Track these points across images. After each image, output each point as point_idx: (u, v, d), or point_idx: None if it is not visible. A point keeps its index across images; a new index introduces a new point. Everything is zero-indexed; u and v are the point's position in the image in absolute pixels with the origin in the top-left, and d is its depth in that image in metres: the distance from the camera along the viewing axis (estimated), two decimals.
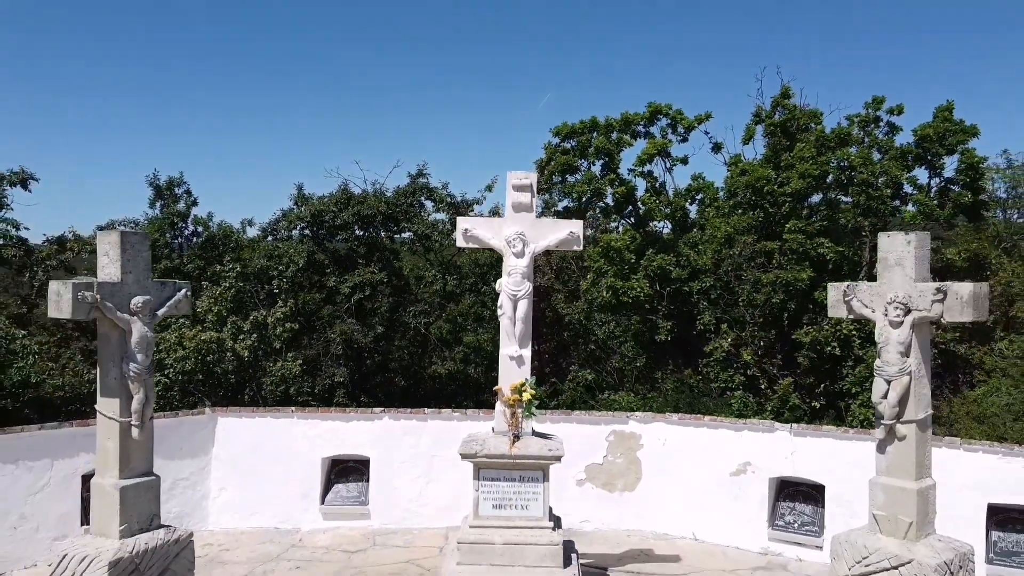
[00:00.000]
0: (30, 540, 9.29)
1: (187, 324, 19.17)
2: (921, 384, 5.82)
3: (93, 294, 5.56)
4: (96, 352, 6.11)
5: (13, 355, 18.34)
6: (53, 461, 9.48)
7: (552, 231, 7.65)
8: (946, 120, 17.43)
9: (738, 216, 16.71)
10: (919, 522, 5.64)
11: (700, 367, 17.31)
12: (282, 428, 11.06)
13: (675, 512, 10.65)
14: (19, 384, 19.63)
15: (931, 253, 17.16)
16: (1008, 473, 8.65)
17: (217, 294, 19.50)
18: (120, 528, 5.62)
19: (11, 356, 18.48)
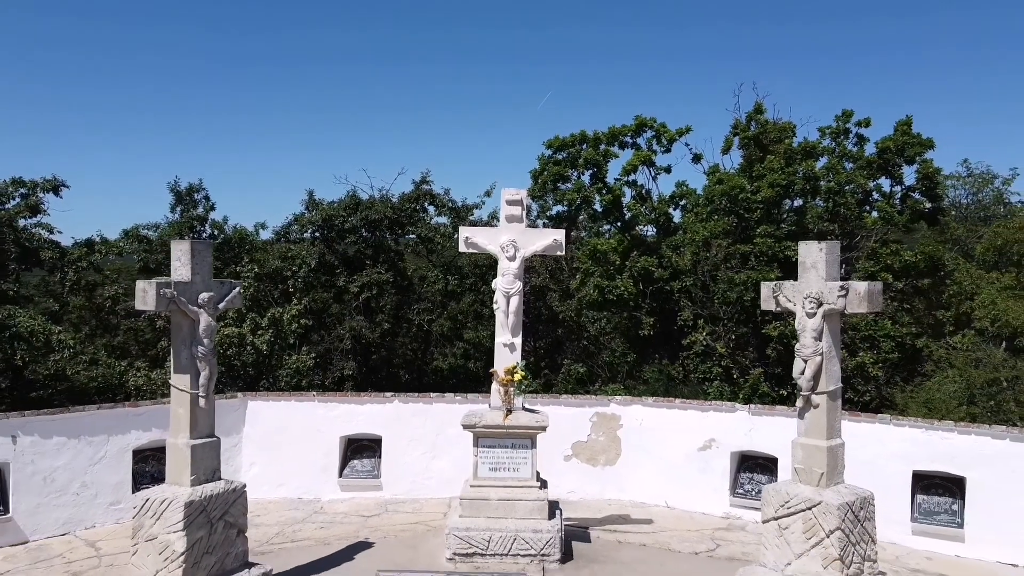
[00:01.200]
0: (90, 505, 10.56)
1: None
2: (832, 363, 7.11)
3: (171, 291, 6.83)
4: (119, 347, 7.33)
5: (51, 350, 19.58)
6: (109, 437, 10.75)
7: (539, 239, 8.94)
8: (905, 133, 18.73)
9: (714, 221, 18.00)
10: (829, 472, 6.92)
11: (681, 360, 18.60)
12: (304, 410, 12.32)
13: (650, 483, 11.91)
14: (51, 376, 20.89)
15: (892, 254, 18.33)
16: (929, 445, 9.92)
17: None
18: (191, 478, 6.88)
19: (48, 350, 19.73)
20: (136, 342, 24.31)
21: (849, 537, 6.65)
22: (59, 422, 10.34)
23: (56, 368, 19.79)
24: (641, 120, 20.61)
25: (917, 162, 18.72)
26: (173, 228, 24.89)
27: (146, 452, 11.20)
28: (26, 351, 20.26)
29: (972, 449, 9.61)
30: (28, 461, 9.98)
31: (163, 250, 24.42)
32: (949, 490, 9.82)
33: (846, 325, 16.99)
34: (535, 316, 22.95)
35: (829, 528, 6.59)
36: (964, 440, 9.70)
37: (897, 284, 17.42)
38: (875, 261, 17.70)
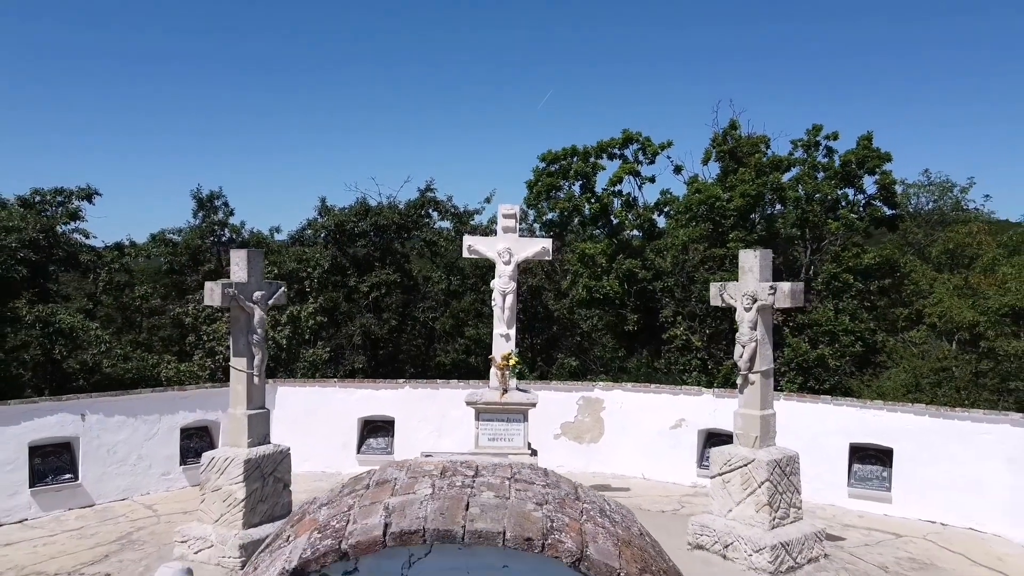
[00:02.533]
0: (145, 475, 12.01)
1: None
2: (764, 348, 8.57)
3: (232, 289, 8.28)
4: (143, 343, 8.69)
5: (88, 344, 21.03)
6: (160, 416, 12.21)
7: (530, 247, 10.41)
8: (866, 147, 20.20)
9: (693, 228, 19.47)
10: (762, 436, 8.38)
11: (663, 353, 20.06)
12: (327, 395, 13.78)
13: (629, 458, 13.36)
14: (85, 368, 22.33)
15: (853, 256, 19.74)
16: (863, 422, 11.38)
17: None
18: (248, 441, 8.33)
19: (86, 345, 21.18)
20: (159, 339, 25.77)
21: (777, 487, 8.12)
22: (120, 403, 11.81)
23: (93, 361, 21.25)
24: (628, 134, 22.06)
25: (877, 173, 20.19)
26: (195, 232, 26.37)
27: (191, 430, 12.68)
28: (64, 345, 21.73)
29: (898, 425, 11.08)
30: (94, 436, 11.44)
31: (187, 252, 25.93)
32: (880, 459, 11.28)
33: (810, 321, 18.46)
34: (532, 314, 24.39)
35: (760, 480, 8.06)
36: (892, 417, 11.17)
37: (858, 284, 18.88)
38: (838, 263, 19.16)
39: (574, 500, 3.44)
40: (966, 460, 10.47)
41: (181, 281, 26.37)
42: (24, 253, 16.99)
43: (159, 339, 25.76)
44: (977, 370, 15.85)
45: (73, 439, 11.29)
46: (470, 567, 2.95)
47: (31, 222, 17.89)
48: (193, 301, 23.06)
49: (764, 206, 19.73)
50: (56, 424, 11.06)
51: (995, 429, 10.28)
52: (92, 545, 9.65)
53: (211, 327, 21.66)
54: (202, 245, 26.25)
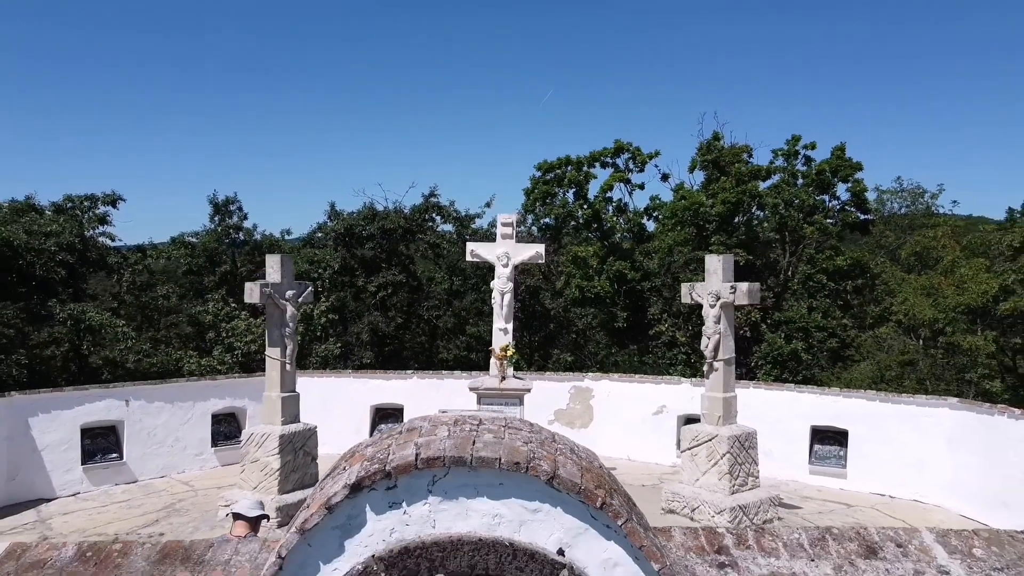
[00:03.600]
0: (181, 455, 13.16)
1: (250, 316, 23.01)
2: (727, 339, 9.71)
3: (269, 288, 9.42)
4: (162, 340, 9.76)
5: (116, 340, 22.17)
6: (195, 403, 13.35)
7: (526, 251, 11.56)
8: (840, 157, 21.36)
9: (678, 232, 20.62)
10: (724, 415, 9.53)
11: (651, 348, 21.21)
12: (342, 385, 14.93)
13: (616, 441, 14.50)
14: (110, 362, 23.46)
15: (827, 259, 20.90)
16: (823, 407, 12.53)
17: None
18: (282, 419, 9.47)
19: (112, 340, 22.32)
20: (176, 336, 26.92)
21: (736, 459, 9.28)
22: (159, 390, 12.97)
23: (121, 356, 22.39)
24: (620, 144, 23.22)
25: (850, 181, 21.34)
26: (211, 235, 27.53)
27: (220, 416, 13.83)
28: (91, 342, 22.90)
29: (853, 409, 12.23)
30: (137, 420, 12.59)
31: (204, 254, 27.09)
32: (837, 440, 12.44)
33: (786, 319, 19.60)
34: (530, 313, 25.51)
35: (722, 452, 9.22)
36: (847, 402, 12.32)
37: (831, 284, 20.03)
38: (813, 265, 20.32)
39: (551, 441, 4.61)
40: (911, 440, 11.62)
41: (198, 281, 27.56)
42: (62, 256, 18.09)
43: (176, 336, 26.90)
44: (936, 362, 16.99)
45: (118, 423, 12.44)
46: (475, 484, 4.13)
47: (67, 227, 18.99)
48: (213, 300, 24.22)
49: (744, 212, 20.88)
50: (104, 409, 12.22)
51: (936, 412, 11.44)
52: (141, 513, 10.81)
53: (230, 324, 22.79)
54: (218, 248, 27.42)
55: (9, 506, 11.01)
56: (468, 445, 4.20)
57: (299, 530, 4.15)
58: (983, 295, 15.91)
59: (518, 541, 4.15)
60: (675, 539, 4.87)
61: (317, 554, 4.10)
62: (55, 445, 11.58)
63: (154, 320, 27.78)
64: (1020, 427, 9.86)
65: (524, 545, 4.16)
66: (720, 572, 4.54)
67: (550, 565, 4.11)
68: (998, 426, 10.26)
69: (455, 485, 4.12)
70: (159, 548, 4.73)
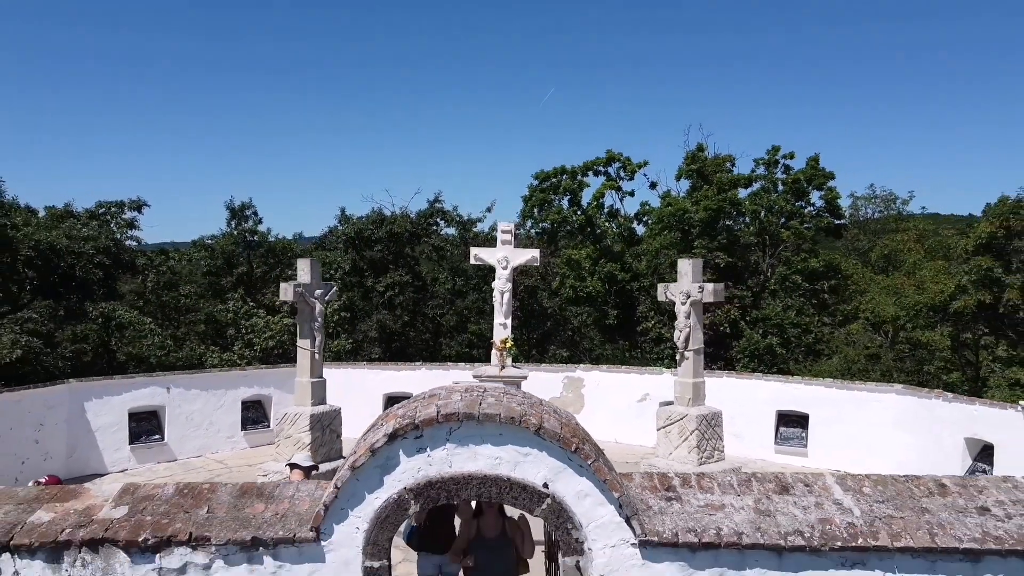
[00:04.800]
0: (215, 437, 14.40)
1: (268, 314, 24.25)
2: (696, 332, 10.95)
3: (300, 288, 10.67)
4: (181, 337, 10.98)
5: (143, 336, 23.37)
6: (226, 390, 14.59)
7: (523, 255, 12.79)
8: (814, 167, 22.61)
9: (664, 236, 21.87)
10: (693, 398, 10.77)
11: (639, 343, 22.45)
12: (358, 375, 16.16)
13: (605, 426, 15.65)
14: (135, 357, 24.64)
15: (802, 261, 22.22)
16: (787, 393, 13.78)
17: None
18: (312, 401, 10.72)
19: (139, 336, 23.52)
20: (195, 333, 28.14)
21: (704, 435, 10.53)
22: (196, 379, 14.22)
23: (148, 351, 23.60)
24: (611, 154, 24.47)
25: (823, 189, 22.58)
26: (228, 239, 28.76)
27: (248, 403, 15.06)
28: (120, 338, 24.12)
29: (813, 395, 13.48)
30: (176, 405, 13.84)
31: (222, 256, 28.33)
32: (799, 423, 13.69)
33: (763, 316, 20.83)
34: (528, 312, 26.73)
35: (691, 429, 10.47)
36: (808, 389, 13.57)
37: (805, 285, 21.27)
38: (788, 267, 21.56)
39: (539, 404, 5.89)
40: (864, 422, 12.87)
41: (217, 282, 28.80)
42: (99, 258, 19.32)
43: (195, 333, 28.12)
44: (900, 356, 18.22)
45: (160, 408, 13.69)
46: (481, 434, 5.42)
47: (103, 231, 20.23)
48: (233, 299, 25.46)
49: (724, 218, 22.13)
50: (148, 395, 13.47)
51: (884, 397, 12.69)
52: None
53: (249, 322, 24.03)
54: (235, 250, 28.66)
55: (67, 480, 12.23)
56: (476, 405, 5.52)
57: (351, 467, 5.48)
58: (940, 294, 17.11)
59: (514, 477, 5.50)
60: (635, 481, 6.18)
61: (363, 486, 5.43)
62: (106, 427, 12.83)
63: (174, 318, 29.02)
64: (950, 408, 11.12)
65: (518, 480, 5.51)
66: (667, 503, 5.84)
67: (537, 495, 5.44)
68: (934, 408, 11.51)
69: (466, 435, 5.44)
70: (239, 487, 6.02)
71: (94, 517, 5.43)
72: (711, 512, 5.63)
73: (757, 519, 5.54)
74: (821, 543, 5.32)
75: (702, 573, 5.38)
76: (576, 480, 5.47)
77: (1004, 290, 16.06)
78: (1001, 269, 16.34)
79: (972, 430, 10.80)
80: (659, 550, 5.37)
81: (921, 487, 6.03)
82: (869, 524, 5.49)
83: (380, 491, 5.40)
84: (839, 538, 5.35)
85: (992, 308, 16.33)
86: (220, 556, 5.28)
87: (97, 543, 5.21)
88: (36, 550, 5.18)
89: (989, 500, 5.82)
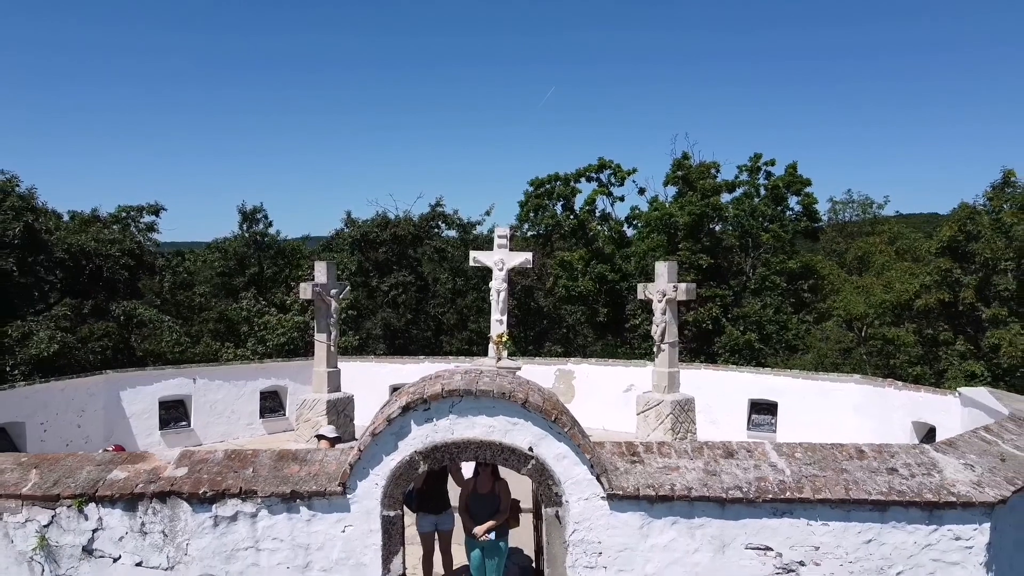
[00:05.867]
0: (236, 424, 15.40)
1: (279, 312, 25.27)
2: (671, 327, 11.99)
3: (318, 287, 11.71)
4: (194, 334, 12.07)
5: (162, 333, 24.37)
6: (247, 381, 15.59)
7: (517, 258, 13.84)
8: (792, 174, 23.68)
9: (652, 239, 22.91)
10: (669, 386, 11.81)
11: (627, 339, 23.49)
12: (366, 367, 17.12)
13: (593, 415, 16.59)
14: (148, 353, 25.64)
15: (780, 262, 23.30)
16: (759, 383, 14.78)
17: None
18: (328, 389, 11.76)
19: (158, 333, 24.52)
20: (208, 331, 29.15)
21: (678, 419, 11.58)
22: (219, 371, 15.24)
23: (167, 348, 24.62)
24: (603, 161, 25.53)
25: (800, 195, 23.66)
26: (240, 241, 29.79)
27: (266, 393, 16.08)
28: (138, 334, 25.13)
29: (781, 385, 14.49)
30: (202, 394, 14.85)
31: (235, 258, 29.36)
32: (769, 410, 14.70)
33: (743, 314, 21.89)
34: (525, 310, 27.75)
35: (666, 414, 11.52)
36: (777, 379, 14.61)
37: (783, 284, 22.32)
38: (768, 267, 22.62)
39: (526, 383, 6.95)
40: (826, 409, 13.89)
41: (229, 282, 29.84)
42: (125, 260, 20.35)
43: (208, 331, 29.13)
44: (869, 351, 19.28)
45: (186, 397, 14.70)
46: (478, 407, 6.48)
47: (127, 235, 21.27)
48: (246, 298, 26.48)
49: (708, 222, 23.20)
50: (176, 385, 14.49)
51: (844, 387, 13.73)
52: None
53: (262, 320, 25.06)
54: (247, 252, 29.69)
55: None
56: (474, 383, 6.58)
57: (371, 434, 6.54)
58: (905, 293, 18.14)
59: (504, 442, 6.55)
60: (606, 447, 7.24)
61: (381, 449, 6.48)
62: (139, 414, 13.86)
63: (188, 316, 30.03)
64: (900, 396, 12.18)
65: (508, 444, 6.57)
66: (631, 464, 6.90)
67: (524, 457, 6.50)
68: (886, 396, 12.57)
69: (466, 407, 6.50)
70: (277, 453, 7.08)
71: (160, 475, 6.49)
72: (668, 472, 6.68)
73: (705, 477, 6.59)
74: (756, 496, 6.38)
75: (658, 521, 6.44)
76: (556, 444, 6.54)
77: (961, 289, 17.12)
78: (960, 270, 17.39)
79: (918, 414, 11.84)
80: (623, 502, 6.43)
81: (843, 452, 7.09)
82: (796, 481, 6.55)
83: (395, 454, 6.46)
84: (771, 492, 6.41)
85: (952, 306, 17.36)
86: (265, 506, 6.34)
87: (165, 495, 6.27)
88: (116, 501, 6.23)
89: (898, 463, 6.88)
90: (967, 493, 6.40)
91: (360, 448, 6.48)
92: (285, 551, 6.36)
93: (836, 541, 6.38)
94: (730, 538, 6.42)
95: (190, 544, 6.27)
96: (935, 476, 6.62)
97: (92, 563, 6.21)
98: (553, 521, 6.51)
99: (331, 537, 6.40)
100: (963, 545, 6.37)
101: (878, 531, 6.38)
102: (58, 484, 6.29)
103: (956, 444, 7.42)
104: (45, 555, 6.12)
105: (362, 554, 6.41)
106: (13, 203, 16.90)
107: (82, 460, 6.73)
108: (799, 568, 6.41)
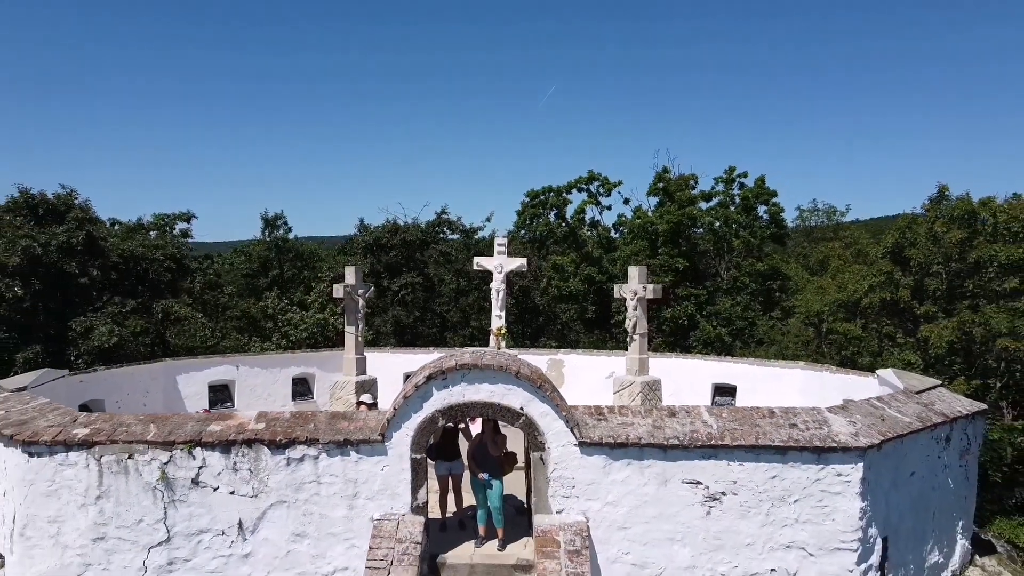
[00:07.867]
0: (272, 406, 17.07)
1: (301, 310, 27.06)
2: (642, 320, 13.83)
3: (348, 288, 13.56)
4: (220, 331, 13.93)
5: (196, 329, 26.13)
6: (281, 368, 17.42)
7: (514, 262, 15.67)
8: (760, 186, 25.54)
9: (634, 244, 24.78)
10: (639, 369, 13.65)
11: (614, 334, 25.31)
12: (382, 357, 18.88)
13: (580, 398, 18.19)
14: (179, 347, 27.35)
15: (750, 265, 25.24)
16: (721, 369, 16.63)
17: (320, 290, 27.51)
18: (356, 372, 13.61)
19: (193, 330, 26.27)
20: (233, 328, 30.93)
21: (646, 397, 13.43)
22: (258, 359, 17.08)
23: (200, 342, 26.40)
24: (592, 174, 27.39)
25: (768, 204, 25.51)
26: (262, 245, 31.63)
27: (297, 379, 17.92)
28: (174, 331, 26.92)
29: (740, 371, 16.34)
30: (244, 379, 16.67)
31: (258, 261, 31.19)
32: (730, 393, 16.53)
33: (715, 312, 23.71)
34: (523, 308, 29.51)
35: (637, 392, 13.38)
36: (736, 366, 16.46)
37: (752, 285, 24.17)
38: (739, 270, 24.47)
39: (518, 360, 8.86)
40: (777, 391, 15.70)
41: (253, 282, 31.66)
42: (168, 263, 22.18)
43: (233, 328, 30.91)
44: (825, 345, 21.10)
45: (231, 382, 16.53)
46: (483, 377, 8.38)
47: (168, 241, 23.12)
48: (270, 297, 28.28)
49: (684, 229, 25.07)
50: (223, 371, 16.33)
51: (792, 372, 15.57)
52: None
53: (286, 316, 26.86)
54: (269, 255, 31.52)
55: None
56: (480, 359, 8.46)
57: (403, 396, 8.43)
58: (854, 293, 19.95)
59: (502, 403, 8.43)
60: (579, 409, 9.12)
61: (410, 409, 8.38)
62: (192, 395, 15.69)
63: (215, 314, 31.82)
64: (835, 378, 14.04)
65: (505, 405, 8.44)
66: (597, 421, 8.78)
67: (516, 414, 8.37)
68: (824, 379, 14.43)
69: (474, 377, 8.37)
70: (331, 413, 8.96)
71: (245, 428, 8.37)
72: (625, 427, 8.56)
73: (653, 430, 8.47)
74: (689, 443, 8.26)
75: (617, 462, 8.31)
76: (540, 405, 8.43)
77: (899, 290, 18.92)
78: (900, 273, 19.19)
79: (847, 393, 13.63)
80: (591, 448, 8.31)
81: (759, 413, 8.98)
82: (720, 433, 8.42)
83: (421, 412, 8.36)
84: (701, 440, 8.29)
85: (894, 304, 19.17)
86: (324, 451, 8.21)
87: (251, 442, 8.14)
88: (215, 446, 8.10)
89: (798, 420, 8.76)
90: (846, 441, 8.28)
91: (395, 407, 8.38)
92: (339, 484, 8.24)
93: (749, 476, 8.26)
94: (670, 475, 8.29)
95: (270, 478, 8.14)
96: (824, 429, 8.50)
97: (198, 491, 8.08)
98: (538, 462, 8.40)
99: (373, 474, 8.28)
100: (843, 480, 8.25)
101: (780, 469, 8.25)
102: (172, 433, 8.16)
103: (848, 408, 9.31)
104: (165, 484, 7.99)
105: (396, 486, 8.29)
106: (76, 215, 18.72)
107: (185, 418, 8.60)
108: (722, 497, 8.30)
